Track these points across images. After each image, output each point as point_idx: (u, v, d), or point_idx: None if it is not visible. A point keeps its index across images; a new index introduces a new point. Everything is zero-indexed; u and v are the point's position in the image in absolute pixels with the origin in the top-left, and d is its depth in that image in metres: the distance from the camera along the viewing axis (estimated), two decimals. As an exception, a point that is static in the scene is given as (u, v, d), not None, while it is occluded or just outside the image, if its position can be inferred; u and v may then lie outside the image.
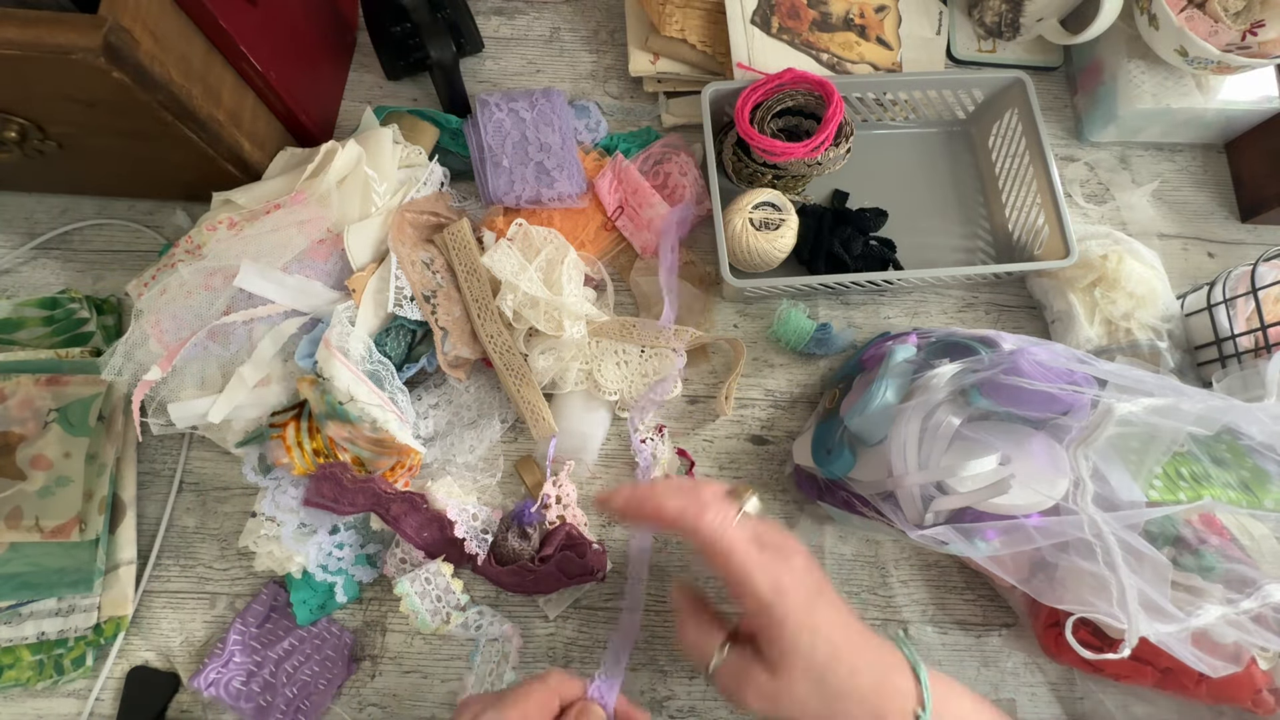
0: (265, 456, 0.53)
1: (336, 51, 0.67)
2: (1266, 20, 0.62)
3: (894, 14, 0.67)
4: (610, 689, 0.42)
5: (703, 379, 0.62)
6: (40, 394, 0.53)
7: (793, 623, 0.38)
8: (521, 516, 0.54)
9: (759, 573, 0.39)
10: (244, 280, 0.51)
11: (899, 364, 0.49)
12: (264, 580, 0.55)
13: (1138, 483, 0.42)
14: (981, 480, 0.42)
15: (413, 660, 0.54)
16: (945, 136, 0.68)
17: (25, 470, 0.52)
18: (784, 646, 0.38)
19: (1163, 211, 0.69)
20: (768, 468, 0.60)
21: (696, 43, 0.64)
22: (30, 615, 0.51)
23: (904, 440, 0.45)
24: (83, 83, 0.43)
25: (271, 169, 0.57)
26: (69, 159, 0.54)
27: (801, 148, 0.57)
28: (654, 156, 0.64)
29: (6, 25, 0.40)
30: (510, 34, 0.70)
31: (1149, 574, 0.39)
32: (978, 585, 0.57)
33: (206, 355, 0.52)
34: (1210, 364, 0.59)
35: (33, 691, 0.52)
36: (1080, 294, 0.60)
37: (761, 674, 0.39)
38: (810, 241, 0.61)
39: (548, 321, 0.56)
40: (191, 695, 0.52)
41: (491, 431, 0.57)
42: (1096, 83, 0.68)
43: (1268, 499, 0.45)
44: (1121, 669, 0.51)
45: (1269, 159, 0.66)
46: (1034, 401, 0.44)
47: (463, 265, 0.57)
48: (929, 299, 0.65)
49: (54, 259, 0.61)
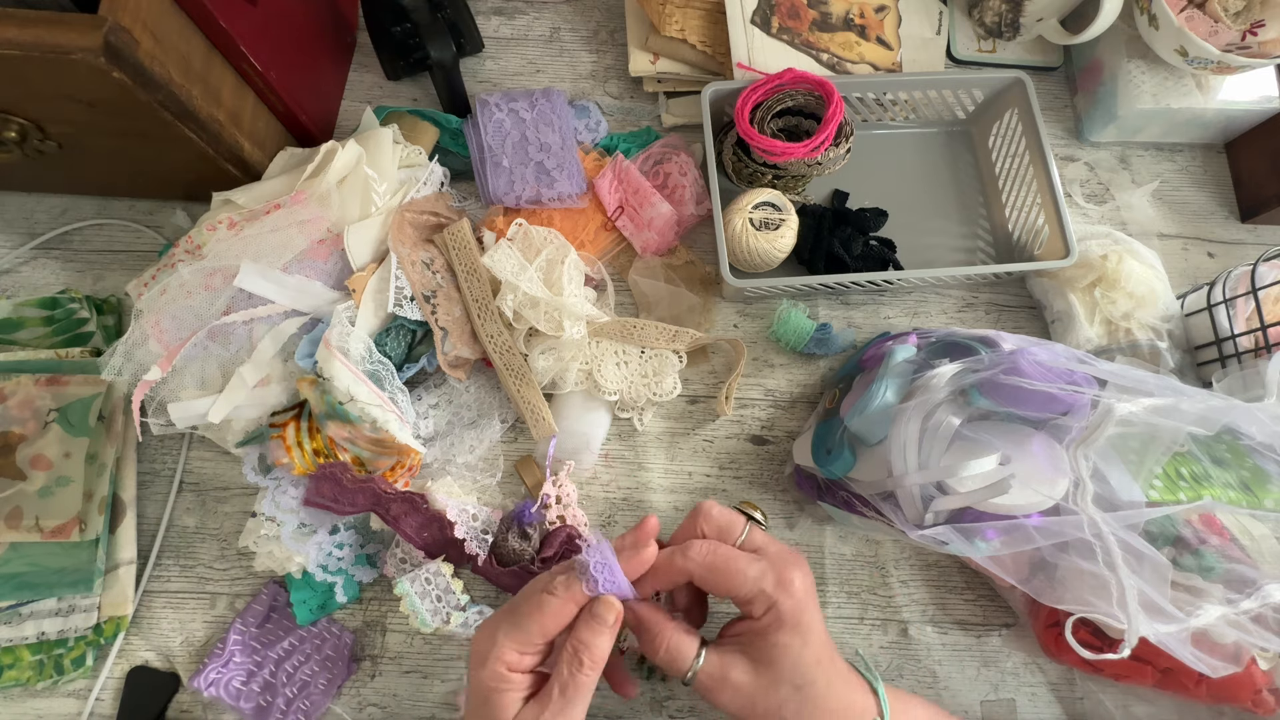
0: (265, 456, 0.53)
1: (336, 51, 0.67)
2: (1266, 20, 0.62)
3: (894, 14, 0.67)
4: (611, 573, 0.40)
5: (703, 379, 0.62)
6: (40, 394, 0.53)
7: (790, 621, 0.39)
8: (521, 517, 0.54)
9: (765, 569, 0.40)
10: (244, 280, 0.51)
11: (899, 364, 0.49)
12: (264, 580, 0.55)
13: (1138, 483, 0.42)
14: (981, 480, 0.42)
15: (413, 660, 0.54)
16: (945, 136, 0.68)
17: (25, 470, 0.52)
18: (776, 642, 0.39)
19: (1163, 211, 0.69)
20: (768, 468, 0.60)
21: (696, 43, 0.64)
22: (30, 615, 0.51)
23: (904, 440, 0.45)
24: (83, 83, 0.43)
25: (271, 169, 0.57)
26: (69, 159, 0.54)
27: (801, 148, 0.57)
28: (654, 156, 0.64)
29: (6, 25, 0.40)
30: (510, 34, 0.70)
31: (1149, 574, 0.39)
32: (978, 585, 0.57)
33: (206, 355, 0.52)
34: (1210, 364, 0.59)
35: (33, 691, 0.52)
36: (1080, 294, 0.60)
37: (743, 675, 0.40)
38: (810, 241, 0.61)
39: (548, 322, 0.56)
40: (191, 695, 0.52)
41: (491, 431, 0.57)
42: (1096, 83, 0.68)
43: (1268, 499, 0.45)
44: (1121, 669, 0.51)
45: (1269, 159, 0.66)
46: (1034, 401, 0.43)
47: (463, 265, 0.57)
48: (929, 299, 0.65)
49: (54, 259, 0.61)
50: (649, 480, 0.59)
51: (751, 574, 0.40)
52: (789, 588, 0.40)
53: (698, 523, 0.43)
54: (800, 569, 0.41)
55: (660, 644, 0.41)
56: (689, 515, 0.44)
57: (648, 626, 0.41)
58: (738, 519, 0.44)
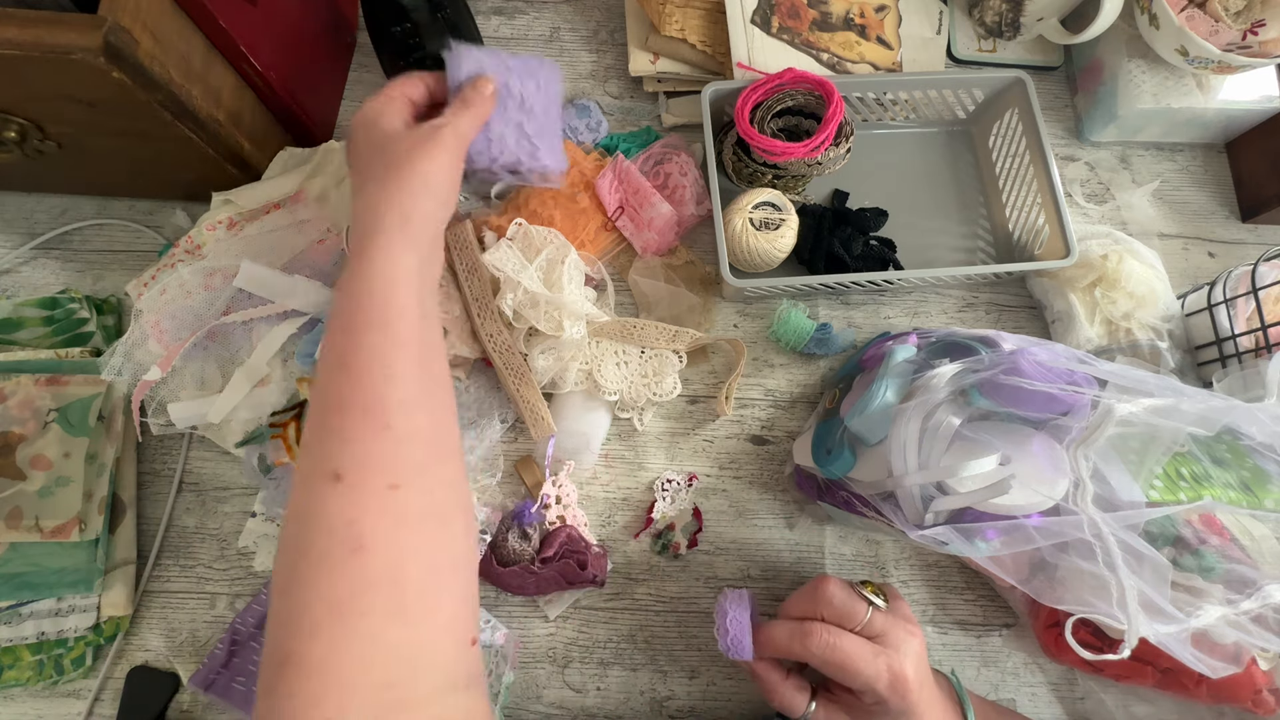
0: (265, 456, 0.53)
1: (336, 51, 0.67)
2: (1267, 20, 0.62)
3: (894, 14, 0.67)
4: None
5: (703, 379, 0.62)
6: (40, 394, 0.53)
7: (894, 715, 0.42)
8: (522, 517, 0.54)
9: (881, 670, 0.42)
10: (244, 280, 0.51)
11: (899, 364, 0.49)
12: (264, 580, 0.55)
13: (1138, 483, 0.42)
14: (981, 480, 0.42)
15: (413, 660, 0.54)
16: (945, 136, 0.68)
17: (25, 470, 0.52)
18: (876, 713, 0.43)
19: (1163, 211, 0.69)
20: (768, 468, 0.60)
21: (696, 42, 0.64)
22: (30, 615, 0.51)
23: (904, 440, 0.45)
24: (83, 83, 0.43)
25: (271, 169, 0.57)
26: (69, 159, 0.54)
27: (801, 148, 0.57)
28: (654, 156, 0.64)
29: (6, 25, 0.40)
30: (510, 34, 0.70)
31: (1149, 574, 0.39)
32: (978, 585, 0.57)
33: (206, 355, 0.52)
34: (1210, 364, 0.59)
35: (33, 691, 0.52)
36: (1080, 294, 0.60)
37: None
38: (810, 241, 0.61)
39: (548, 321, 0.56)
40: (191, 695, 0.52)
41: (491, 431, 0.57)
42: (1097, 82, 0.68)
43: (1268, 499, 0.45)
44: (1122, 669, 0.51)
45: (1269, 159, 0.66)
46: (1034, 402, 0.43)
47: (463, 264, 0.57)
48: (929, 299, 0.65)
49: (54, 259, 0.61)
50: (649, 480, 0.59)
51: (867, 673, 0.41)
52: (901, 689, 0.41)
53: (818, 606, 0.44)
54: (913, 661, 0.42)
55: (775, 697, 0.45)
56: (808, 588, 0.45)
57: (764, 681, 0.45)
58: (859, 607, 0.44)
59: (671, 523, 0.58)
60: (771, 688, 0.45)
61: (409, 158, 0.42)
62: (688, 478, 0.58)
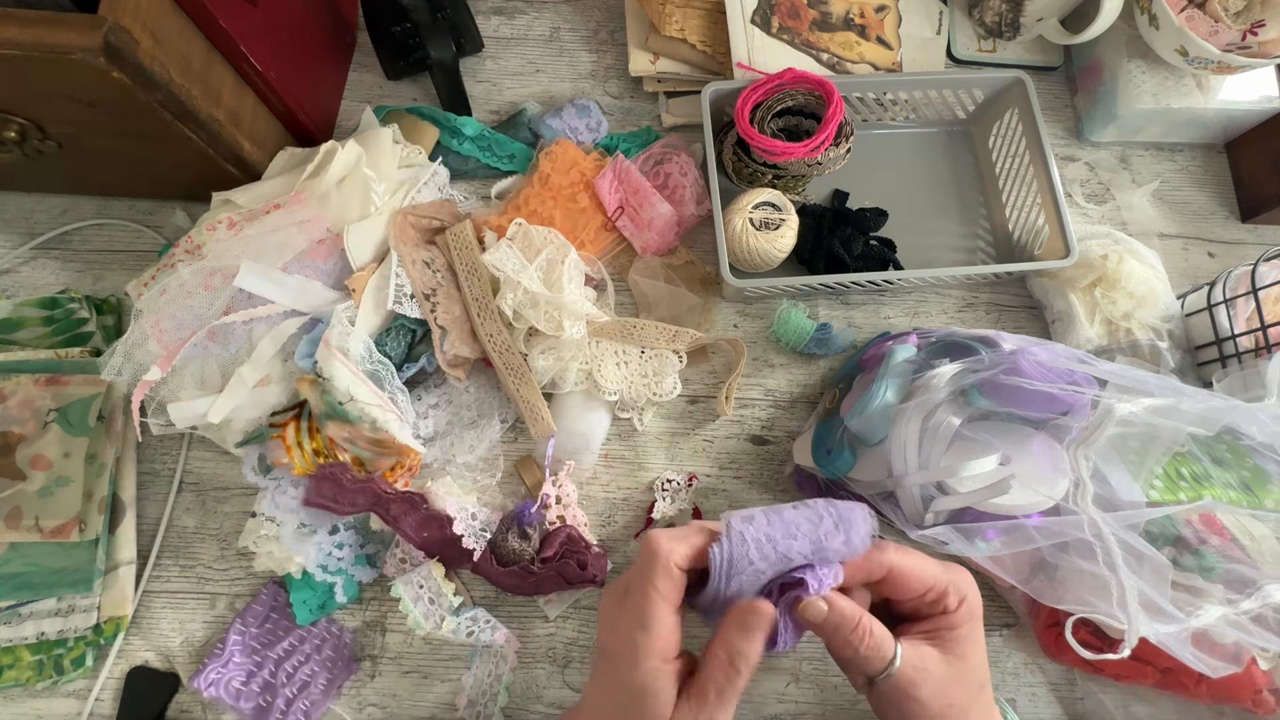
0: (265, 456, 0.53)
1: (336, 51, 0.67)
2: (1267, 20, 0.62)
3: (894, 14, 0.67)
4: (829, 575, 0.39)
5: (703, 379, 0.62)
6: (40, 394, 0.53)
7: (979, 612, 0.41)
8: (521, 517, 0.54)
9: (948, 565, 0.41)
10: (244, 280, 0.51)
11: (899, 364, 0.49)
12: (264, 580, 0.55)
13: (1138, 483, 0.42)
14: (982, 480, 0.42)
15: (413, 660, 0.54)
16: (945, 136, 0.68)
17: (25, 470, 0.52)
18: (968, 635, 0.40)
19: (1163, 211, 0.69)
20: (768, 468, 0.60)
21: (696, 42, 0.64)
22: (30, 615, 0.51)
23: (904, 440, 0.45)
24: (83, 83, 0.43)
25: (271, 169, 0.57)
26: (69, 159, 0.54)
27: (801, 148, 0.57)
28: (654, 156, 0.64)
29: (6, 25, 0.40)
30: (510, 34, 0.70)
31: (1149, 574, 0.39)
32: (978, 585, 0.57)
33: (206, 355, 0.52)
34: (1210, 364, 0.59)
35: (33, 691, 0.52)
36: (1080, 294, 0.60)
37: (939, 667, 0.39)
38: (810, 241, 0.61)
39: (548, 321, 0.56)
40: (191, 695, 0.52)
41: (491, 431, 0.57)
42: (1097, 82, 0.68)
43: (1268, 499, 0.45)
44: (1122, 669, 0.51)
45: (1269, 159, 0.66)
46: (1034, 401, 0.44)
47: (464, 264, 0.57)
48: (929, 299, 0.65)
49: (54, 259, 0.61)
50: (649, 480, 0.59)
51: (938, 568, 0.41)
52: (971, 582, 0.41)
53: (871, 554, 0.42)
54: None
55: (861, 636, 0.38)
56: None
57: (847, 620, 0.38)
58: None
59: (672, 523, 0.58)
60: (856, 624, 0.38)
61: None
62: (688, 478, 0.58)
